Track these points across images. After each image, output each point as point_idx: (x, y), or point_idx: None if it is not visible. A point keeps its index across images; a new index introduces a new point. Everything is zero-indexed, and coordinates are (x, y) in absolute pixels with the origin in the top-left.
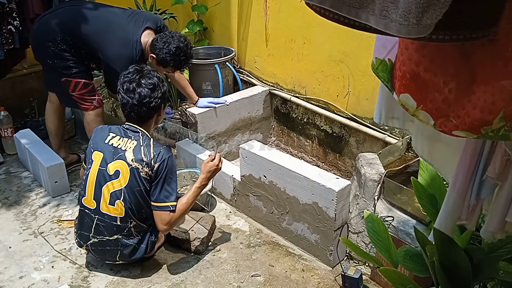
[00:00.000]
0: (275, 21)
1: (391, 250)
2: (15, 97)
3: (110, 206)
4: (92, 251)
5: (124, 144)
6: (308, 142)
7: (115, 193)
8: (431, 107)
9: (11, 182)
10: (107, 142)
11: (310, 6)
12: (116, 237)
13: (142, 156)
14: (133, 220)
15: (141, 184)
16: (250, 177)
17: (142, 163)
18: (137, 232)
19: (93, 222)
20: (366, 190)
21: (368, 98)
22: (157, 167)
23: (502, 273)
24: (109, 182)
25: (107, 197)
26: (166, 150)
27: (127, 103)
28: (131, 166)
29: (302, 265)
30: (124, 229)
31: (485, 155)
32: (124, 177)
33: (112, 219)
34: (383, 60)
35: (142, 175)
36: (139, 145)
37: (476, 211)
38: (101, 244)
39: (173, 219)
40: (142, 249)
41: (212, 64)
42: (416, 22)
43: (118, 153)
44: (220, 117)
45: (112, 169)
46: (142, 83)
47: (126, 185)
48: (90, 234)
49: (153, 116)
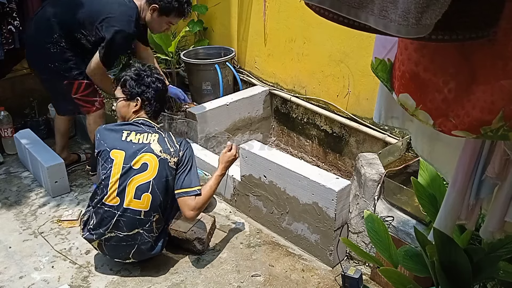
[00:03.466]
0: (275, 21)
1: (391, 250)
2: (15, 97)
3: (135, 200)
4: (105, 246)
5: (145, 138)
6: (308, 142)
7: (141, 187)
8: (430, 107)
9: (11, 182)
10: (124, 139)
11: (309, 6)
12: (136, 231)
13: (169, 147)
14: (157, 213)
15: (169, 174)
16: (250, 177)
17: (170, 153)
18: (157, 228)
19: (114, 218)
20: (366, 190)
21: (368, 98)
22: (181, 155)
23: (502, 273)
24: (135, 176)
25: (132, 191)
26: (185, 139)
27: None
28: (160, 157)
29: (302, 265)
30: (146, 223)
31: (485, 155)
32: (153, 169)
33: (135, 213)
34: (382, 60)
35: (171, 165)
36: (162, 136)
37: (475, 210)
38: (117, 239)
39: (199, 204)
40: (159, 247)
41: (212, 64)
42: (416, 22)
43: (143, 147)
44: (220, 117)
45: (138, 164)
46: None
47: (155, 177)
48: (107, 230)
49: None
